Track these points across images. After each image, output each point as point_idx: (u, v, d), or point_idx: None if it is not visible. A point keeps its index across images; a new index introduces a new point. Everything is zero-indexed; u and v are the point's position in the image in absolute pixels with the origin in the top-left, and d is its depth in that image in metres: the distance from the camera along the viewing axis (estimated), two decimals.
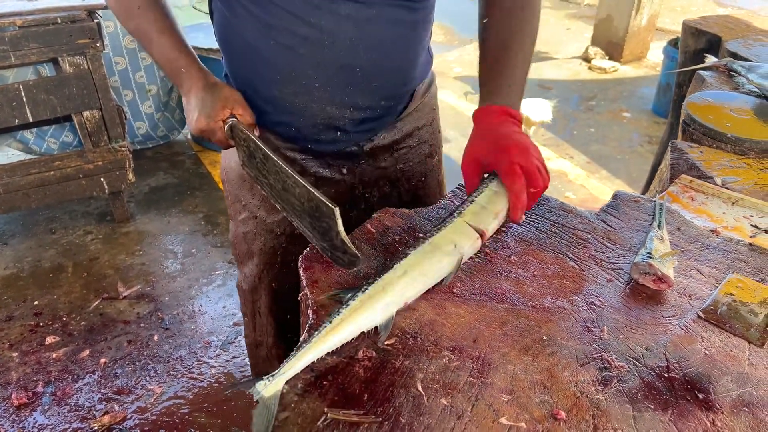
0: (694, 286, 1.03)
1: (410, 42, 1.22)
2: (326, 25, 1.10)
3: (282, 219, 1.33)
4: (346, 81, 1.17)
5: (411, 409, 0.79)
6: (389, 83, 1.23)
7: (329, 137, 1.26)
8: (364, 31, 1.12)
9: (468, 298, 0.98)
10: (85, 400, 2.13)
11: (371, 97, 1.22)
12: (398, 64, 1.22)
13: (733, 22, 2.41)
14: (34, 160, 2.82)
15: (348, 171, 1.33)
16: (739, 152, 1.50)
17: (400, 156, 1.36)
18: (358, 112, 1.23)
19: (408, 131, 1.36)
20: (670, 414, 0.80)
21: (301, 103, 1.20)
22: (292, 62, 1.14)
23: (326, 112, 1.21)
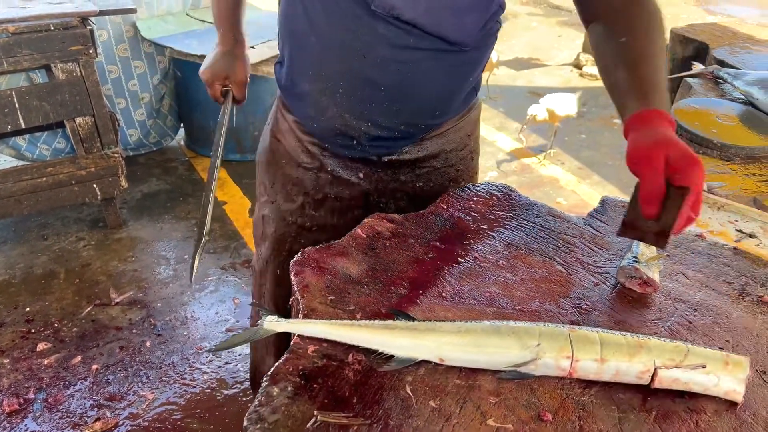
0: (680, 290, 1.04)
1: (447, 79, 1.21)
2: (362, 38, 1.12)
3: (296, 209, 1.37)
4: (369, 96, 1.18)
5: (400, 412, 0.80)
6: (413, 110, 1.23)
7: (344, 143, 1.28)
8: (397, 54, 1.13)
9: (457, 302, 0.99)
10: (76, 407, 2.13)
11: (391, 119, 1.23)
12: (427, 95, 1.21)
13: (720, 30, 2.45)
14: (27, 167, 2.82)
15: (364, 176, 1.32)
16: (724, 158, 1.52)
17: (422, 174, 1.34)
18: (375, 128, 1.23)
19: (434, 152, 1.33)
20: (654, 415, 0.81)
21: (324, 104, 1.23)
22: (323, 63, 1.19)
23: (344, 119, 1.23)
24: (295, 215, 1.38)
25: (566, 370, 0.84)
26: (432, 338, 0.87)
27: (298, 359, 0.87)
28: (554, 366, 0.84)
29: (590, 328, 0.87)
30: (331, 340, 0.89)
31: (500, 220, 1.20)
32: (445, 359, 0.87)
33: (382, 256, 1.08)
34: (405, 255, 1.09)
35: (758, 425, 0.80)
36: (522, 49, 6.36)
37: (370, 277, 1.03)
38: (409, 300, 0.99)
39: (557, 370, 0.85)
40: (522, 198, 1.27)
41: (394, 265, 1.06)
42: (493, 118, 4.68)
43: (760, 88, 1.74)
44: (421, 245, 1.12)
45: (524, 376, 0.85)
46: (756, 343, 0.94)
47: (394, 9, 1.07)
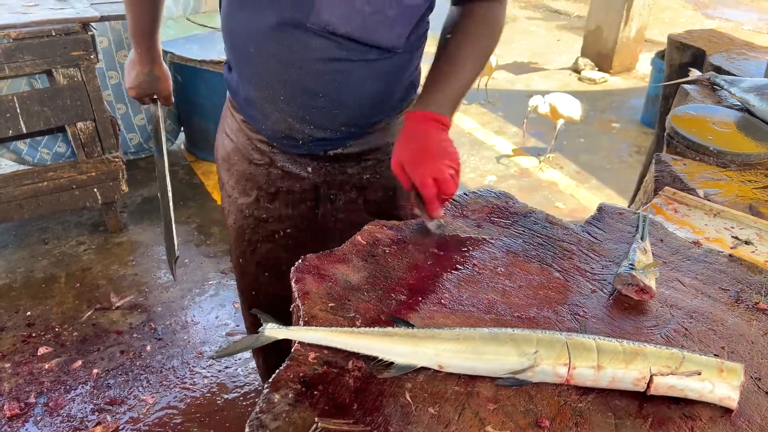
0: (676, 297, 1.05)
1: (380, 82, 1.26)
2: (296, 52, 1.17)
3: (251, 203, 1.43)
4: (309, 103, 1.24)
5: (400, 418, 0.81)
6: (352, 114, 1.28)
7: (290, 143, 1.33)
8: (331, 65, 1.18)
9: (456, 309, 1.00)
10: (77, 411, 2.14)
11: (332, 122, 1.28)
12: (363, 100, 1.27)
13: (717, 36, 2.46)
14: (27, 171, 2.83)
15: (313, 171, 1.37)
16: (721, 165, 1.53)
17: (367, 166, 1.39)
18: (318, 131, 1.29)
19: (378, 145, 1.38)
20: (650, 421, 0.82)
21: (268, 109, 1.28)
22: (263, 72, 1.24)
23: (288, 123, 1.28)
24: (251, 208, 1.43)
25: (563, 377, 0.86)
26: (431, 345, 0.88)
27: (299, 366, 0.88)
28: (552, 373, 0.86)
29: (587, 336, 0.89)
30: (331, 347, 0.90)
31: (499, 227, 1.21)
32: (444, 366, 0.88)
33: (382, 263, 1.09)
34: (404, 262, 1.10)
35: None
36: (521, 53, 6.38)
37: (370, 284, 1.04)
38: (409, 307, 1.00)
39: (555, 377, 0.86)
40: (520, 205, 1.28)
41: (394, 272, 1.07)
42: (491, 122, 4.69)
43: (756, 95, 1.75)
44: (421, 252, 1.13)
45: (522, 383, 0.86)
46: (751, 350, 0.95)
47: (329, 25, 1.13)
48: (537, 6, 8.40)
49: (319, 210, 1.41)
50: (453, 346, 0.88)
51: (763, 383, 0.89)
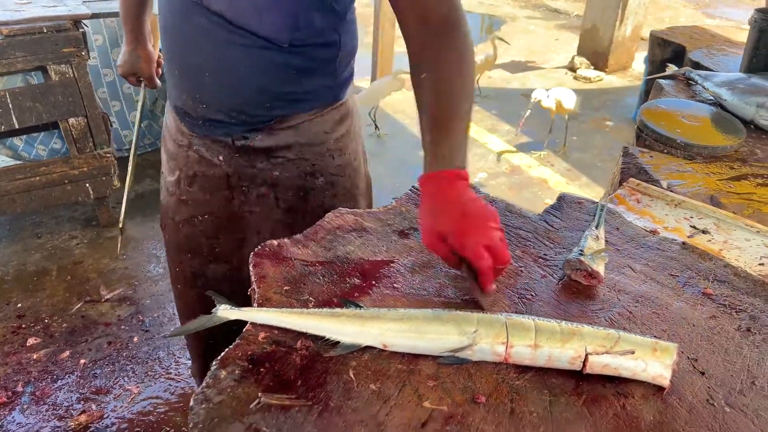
0: (625, 282, 1.08)
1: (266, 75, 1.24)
2: (182, 26, 1.23)
3: (174, 182, 1.46)
4: (198, 81, 1.27)
5: (341, 394, 0.84)
6: (240, 100, 1.27)
7: (192, 122, 1.35)
8: (214, 46, 1.21)
9: (407, 293, 1.03)
10: (63, 400, 2.18)
11: (222, 104, 1.29)
12: (249, 88, 1.26)
13: (698, 33, 2.48)
14: (20, 166, 2.88)
15: (224, 159, 1.37)
16: (687, 157, 1.56)
17: (276, 163, 1.37)
18: (210, 111, 1.30)
19: (286, 143, 1.35)
20: (584, 398, 0.85)
21: (171, 83, 1.36)
22: (165, 45, 1.31)
23: (183, 99, 1.33)
24: (174, 188, 1.47)
25: (502, 355, 0.88)
26: (376, 325, 0.91)
27: (248, 345, 0.91)
28: (490, 351, 0.88)
29: (527, 316, 0.91)
30: (281, 328, 0.93)
31: None
32: (388, 345, 0.91)
33: (340, 249, 1.12)
34: (362, 248, 1.13)
35: (683, 408, 0.84)
36: (519, 52, 6.39)
37: (327, 269, 1.07)
38: (362, 290, 1.03)
39: (493, 356, 0.89)
40: (481, 194, 1.30)
41: (351, 257, 1.10)
42: (485, 120, 4.72)
43: (728, 89, 1.77)
44: (379, 239, 1.16)
45: (462, 361, 0.89)
46: (691, 332, 0.98)
47: (203, 0, 1.16)
48: (537, 5, 8.41)
49: (235, 200, 1.41)
50: (397, 326, 0.90)
51: (699, 364, 0.92)
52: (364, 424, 0.79)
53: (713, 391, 0.87)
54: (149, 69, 1.72)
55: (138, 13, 1.61)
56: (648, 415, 0.83)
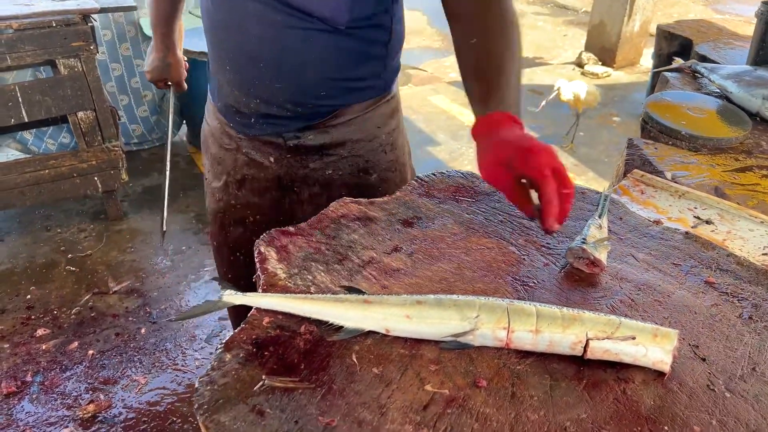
0: (627, 270, 1.08)
1: (322, 62, 1.23)
2: (235, 15, 1.19)
3: (221, 187, 1.46)
4: (252, 73, 1.25)
5: (344, 377, 0.85)
6: (294, 90, 1.26)
7: (242, 121, 1.34)
8: (269, 32, 1.18)
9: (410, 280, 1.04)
10: (71, 390, 2.20)
11: (276, 97, 1.27)
12: (304, 76, 1.24)
13: (706, 26, 2.48)
14: (30, 159, 2.91)
15: (275, 161, 1.36)
16: (692, 149, 1.56)
17: (329, 162, 1.36)
18: (263, 105, 1.28)
19: (339, 140, 1.35)
20: (584, 383, 0.86)
21: (219, 81, 1.32)
22: (213, 40, 1.29)
23: (235, 95, 1.30)
24: (221, 193, 1.46)
25: (503, 340, 0.89)
26: (379, 310, 0.92)
27: (252, 329, 0.92)
28: (491, 336, 0.89)
29: (529, 302, 0.92)
30: (286, 313, 0.95)
31: (463, 205, 1.25)
32: (391, 330, 0.91)
33: (343, 237, 1.13)
34: (366, 236, 1.14)
35: (683, 393, 0.85)
36: (526, 48, 6.37)
37: (330, 256, 1.08)
38: (364, 278, 1.04)
39: (495, 341, 0.89)
40: (486, 185, 1.31)
41: (353, 246, 1.11)
42: None
43: (734, 81, 1.77)
44: (383, 228, 1.17)
45: (464, 346, 0.90)
46: (693, 320, 0.98)
47: None
48: (545, 1, 8.38)
49: (285, 200, 1.41)
50: (399, 311, 0.91)
51: (700, 350, 0.92)
52: (367, 406, 0.80)
53: (714, 377, 0.87)
54: (179, 75, 1.74)
55: (169, 20, 1.62)
56: (648, 399, 0.83)
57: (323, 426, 0.77)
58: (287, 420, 0.78)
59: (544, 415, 0.80)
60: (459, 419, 0.79)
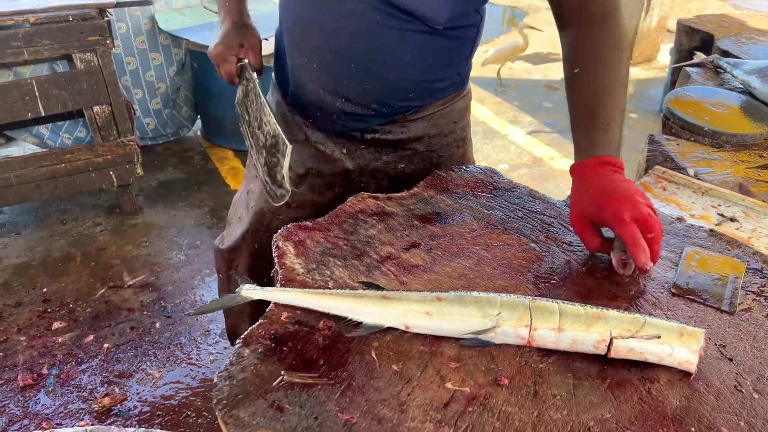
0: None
1: (417, 62, 1.22)
2: (330, 14, 1.16)
3: None
4: (341, 73, 1.22)
5: (363, 374, 0.84)
6: (384, 90, 1.25)
7: (325, 118, 1.31)
8: (365, 31, 1.15)
9: (429, 276, 1.02)
10: (87, 383, 2.21)
11: (363, 97, 1.25)
12: (396, 76, 1.23)
13: (727, 21, 2.43)
14: (46, 153, 2.92)
15: (347, 152, 1.34)
16: (715, 145, 1.53)
17: (404, 156, 1.36)
18: (349, 105, 1.26)
19: (417, 134, 1.34)
20: (608, 382, 0.84)
21: (304, 79, 1.28)
22: (299, 38, 1.25)
23: (320, 94, 1.27)
24: None
25: (525, 338, 0.88)
26: (399, 306, 0.91)
27: (271, 324, 0.92)
28: (513, 334, 0.88)
29: (551, 300, 0.90)
30: (304, 308, 0.94)
31: (481, 201, 1.23)
32: (411, 327, 0.90)
33: (362, 232, 1.12)
34: (384, 232, 1.12)
35: (710, 394, 0.83)
36: (541, 44, 6.31)
37: (348, 251, 1.07)
38: (383, 273, 1.02)
39: (516, 339, 0.88)
40: (505, 180, 1.30)
41: (372, 241, 1.10)
42: (506, 111, 4.68)
43: (758, 77, 1.73)
44: (401, 223, 1.15)
45: (485, 344, 0.88)
46: (718, 319, 0.96)
47: None
48: None
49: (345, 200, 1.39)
50: (419, 307, 0.90)
51: (727, 350, 0.90)
52: (387, 403, 0.79)
53: (741, 377, 0.85)
54: (257, 39, 1.37)
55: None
56: (674, 399, 0.82)
57: (343, 422, 0.76)
58: (306, 416, 0.77)
59: (567, 415, 0.79)
60: (480, 418, 0.78)
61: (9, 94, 2.70)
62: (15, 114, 2.75)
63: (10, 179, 2.85)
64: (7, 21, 2.58)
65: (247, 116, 1.25)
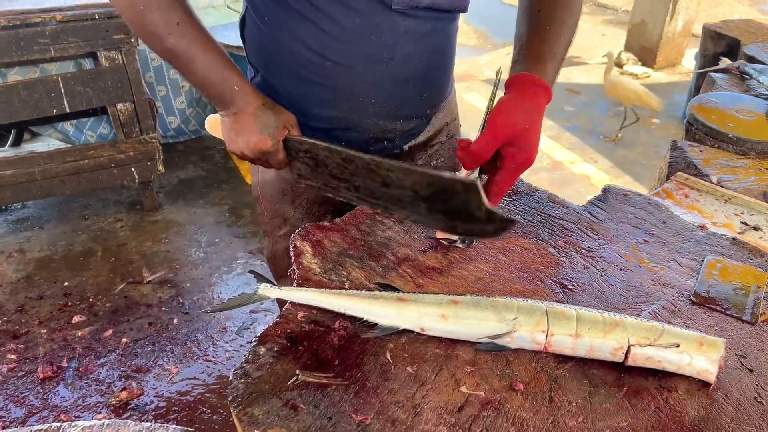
0: (670, 276, 1.05)
1: (451, 50, 1.27)
2: (386, 42, 1.11)
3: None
4: (401, 94, 1.20)
5: (378, 375, 0.84)
6: (435, 92, 1.28)
7: (377, 147, 1.28)
8: (419, 46, 1.16)
9: (446, 278, 1.02)
10: (105, 376, 2.24)
11: (420, 108, 1.27)
12: (442, 72, 1.28)
13: (754, 27, 2.39)
14: (70, 149, 2.97)
15: None
16: (740, 152, 1.50)
17: (433, 153, 1.38)
18: (407, 122, 1.27)
19: (439, 127, 1.37)
20: (625, 390, 0.83)
21: (356, 120, 1.21)
22: (349, 81, 1.15)
23: (379, 126, 1.24)
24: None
25: (541, 344, 0.87)
26: (414, 309, 0.91)
27: (287, 323, 0.92)
28: (530, 339, 0.87)
29: (569, 306, 0.90)
30: (320, 308, 0.94)
31: (500, 205, 1.22)
32: (426, 329, 0.90)
33: (378, 234, 1.12)
34: (401, 233, 1.12)
35: (729, 405, 0.81)
36: None
37: (365, 252, 1.07)
38: (399, 275, 1.02)
39: (533, 344, 0.87)
40: (524, 184, 1.29)
41: (389, 243, 1.10)
42: None
43: None
44: (418, 225, 1.15)
45: (500, 348, 0.88)
46: (739, 329, 0.94)
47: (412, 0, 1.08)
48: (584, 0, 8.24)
49: None
50: (435, 310, 0.90)
51: (748, 361, 0.89)
52: (401, 405, 0.79)
53: (761, 389, 0.84)
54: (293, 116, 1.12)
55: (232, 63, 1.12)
56: (692, 410, 0.80)
57: (357, 423, 0.76)
58: (321, 416, 0.77)
59: (583, 422, 0.78)
60: (495, 422, 0.77)
61: (35, 90, 2.74)
62: (41, 110, 2.80)
63: (35, 174, 2.90)
64: (34, 18, 2.62)
65: (344, 183, 1.00)
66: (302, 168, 1.07)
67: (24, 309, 2.57)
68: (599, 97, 5.02)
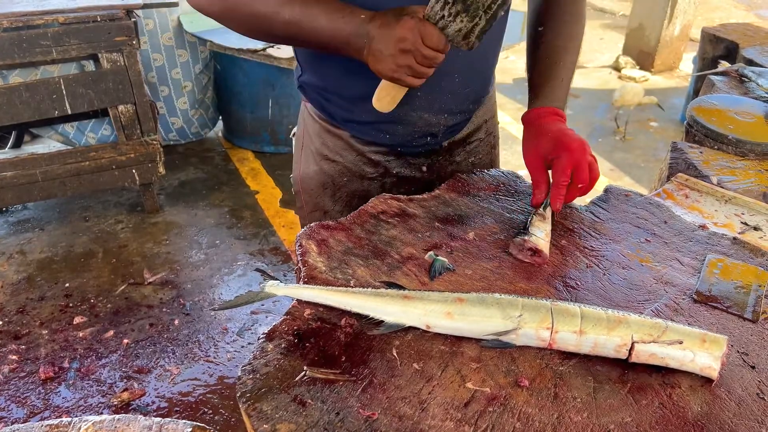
0: (672, 274, 1.06)
1: (495, 45, 1.28)
2: None
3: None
4: (446, 88, 1.23)
5: (384, 371, 0.85)
6: (479, 86, 1.30)
7: (421, 142, 1.32)
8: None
9: (450, 277, 1.03)
10: (106, 377, 2.25)
11: (464, 102, 1.29)
12: (487, 65, 1.29)
13: (752, 30, 2.41)
14: (71, 151, 2.97)
15: (427, 168, 1.37)
16: (739, 154, 1.52)
17: (472, 149, 1.40)
18: (451, 117, 1.29)
19: (478, 124, 1.40)
20: (629, 387, 0.84)
21: (402, 114, 1.23)
22: None
23: (424, 119, 1.27)
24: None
25: (546, 340, 0.88)
26: (420, 306, 0.92)
27: (294, 321, 0.93)
28: (535, 336, 0.88)
29: (573, 303, 0.91)
30: (326, 305, 0.95)
31: (503, 204, 1.24)
32: (432, 326, 0.91)
33: (383, 233, 1.13)
34: (405, 233, 1.13)
35: (731, 401, 0.83)
36: None
37: (370, 251, 1.08)
38: (404, 273, 1.03)
39: (537, 341, 0.88)
40: (526, 184, 1.30)
41: (394, 242, 1.11)
42: None
43: None
44: (423, 224, 1.16)
45: (505, 345, 0.89)
46: (741, 327, 0.95)
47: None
48: None
49: None
50: (441, 307, 0.91)
51: (750, 358, 0.90)
52: (407, 401, 0.80)
53: (764, 385, 0.85)
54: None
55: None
56: (695, 405, 0.81)
57: (364, 418, 0.77)
58: (328, 411, 0.78)
59: (588, 417, 0.79)
60: (501, 418, 0.78)
61: (37, 92, 2.75)
62: (42, 111, 2.81)
63: (36, 176, 2.90)
64: (36, 20, 2.63)
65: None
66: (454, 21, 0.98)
67: (25, 310, 2.58)
68: (598, 101, 5.05)
